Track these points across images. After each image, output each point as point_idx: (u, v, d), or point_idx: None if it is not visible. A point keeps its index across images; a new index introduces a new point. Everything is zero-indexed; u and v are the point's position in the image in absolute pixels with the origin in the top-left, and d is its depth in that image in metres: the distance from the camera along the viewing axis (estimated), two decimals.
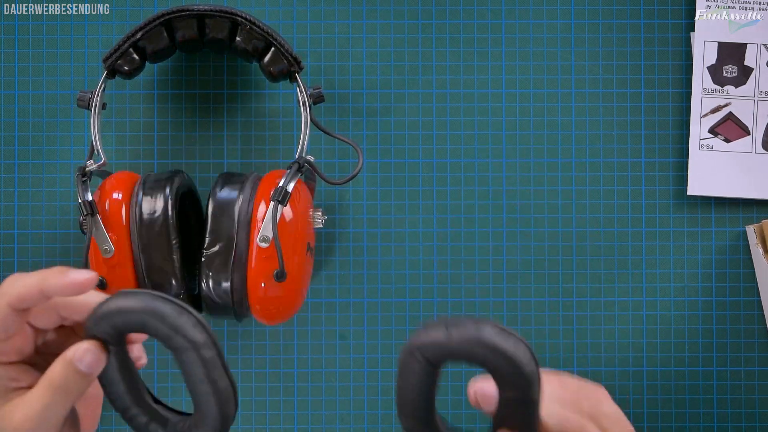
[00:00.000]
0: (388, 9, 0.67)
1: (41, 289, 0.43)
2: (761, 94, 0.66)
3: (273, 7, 0.67)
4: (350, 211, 0.66)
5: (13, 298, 0.43)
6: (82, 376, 0.43)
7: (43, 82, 0.66)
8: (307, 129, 0.59)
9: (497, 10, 0.67)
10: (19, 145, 0.66)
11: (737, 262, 0.66)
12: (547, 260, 0.66)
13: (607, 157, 0.67)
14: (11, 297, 0.43)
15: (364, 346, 0.66)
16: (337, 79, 0.67)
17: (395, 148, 0.66)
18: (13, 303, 0.43)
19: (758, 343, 0.66)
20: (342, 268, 0.66)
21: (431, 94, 0.67)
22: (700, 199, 0.67)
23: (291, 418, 0.66)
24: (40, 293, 0.43)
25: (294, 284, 0.56)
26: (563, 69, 0.67)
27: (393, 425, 0.66)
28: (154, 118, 0.66)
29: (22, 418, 0.43)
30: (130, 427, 0.45)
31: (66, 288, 0.43)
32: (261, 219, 0.55)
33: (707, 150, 0.66)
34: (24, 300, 0.43)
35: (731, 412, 0.66)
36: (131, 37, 0.59)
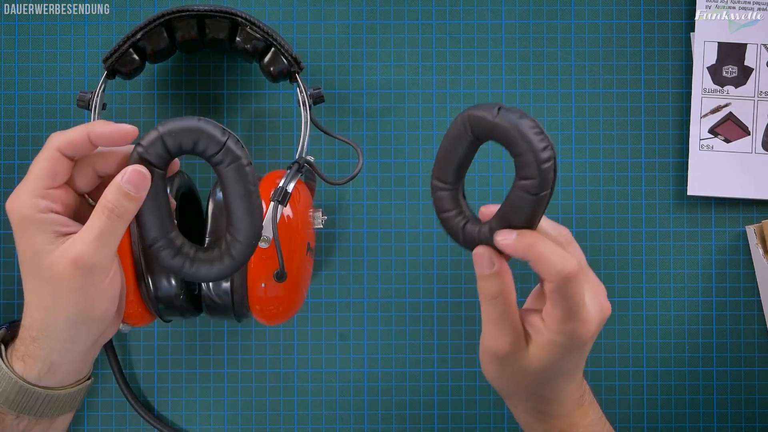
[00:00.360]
0: (388, 9, 0.67)
1: (88, 135, 0.47)
2: (761, 95, 0.66)
3: (273, 7, 0.67)
4: (350, 211, 0.66)
5: (63, 143, 0.47)
6: (130, 198, 0.46)
7: (43, 82, 0.66)
8: (307, 129, 0.59)
9: (497, 10, 0.67)
10: (19, 145, 0.66)
11: (737, 262, 0.66)
12: None
13: (607, 157, 0.67)
14: (61, 142, 0.47)
15: (364, 346, 0.66)
16: (337, 79, 0.67)
17: (395, 148, 0.66)
18: (63, 147, 0.47)
19: (758, 343, 0.66)
20: (342, 268, 0.66)
21: (431, 94, 0.67)
22: (700, 199, 0.67)
23: (291, 418, 0.66)
24: (87, 139, 0.47)
25: (294, 284, 0.56)
26: (563, 69, 0.67)
27: (393, 425, 0.66)
28: (154, 118, 0.66)
29: (81, 247, 0.46)
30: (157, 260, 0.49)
31: (111, 135, 0.47)
32: None
33: (707, 150, 0.66)
34: (73, 144, 0.47)
35: (731, 412, 0.66)
36: (131, 38, 0.59)
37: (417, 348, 0.66)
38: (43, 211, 0.47)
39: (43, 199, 0.47)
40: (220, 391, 0.66)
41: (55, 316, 0.48)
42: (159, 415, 0.66)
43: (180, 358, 0.66)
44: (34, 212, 0.47)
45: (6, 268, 0.66)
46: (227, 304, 0.56)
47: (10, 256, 0.66)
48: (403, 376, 0.66)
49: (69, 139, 0.47)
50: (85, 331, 0.49)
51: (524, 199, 0.46)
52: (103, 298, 0.48)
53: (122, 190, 0.46)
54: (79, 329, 0.49)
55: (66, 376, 0.50)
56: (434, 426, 0.66)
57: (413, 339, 0.66)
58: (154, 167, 0.47)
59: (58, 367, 0.49)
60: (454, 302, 0.66)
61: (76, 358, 0.50)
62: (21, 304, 0.65)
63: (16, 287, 0.66)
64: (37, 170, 0.47)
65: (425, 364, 0.66)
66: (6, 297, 0.66)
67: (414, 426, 0.66)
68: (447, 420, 0.66)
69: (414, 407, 0.66)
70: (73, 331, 0.49)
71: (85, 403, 0.66)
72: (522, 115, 0.45)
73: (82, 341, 0.50)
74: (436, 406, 0.66)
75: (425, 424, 0.66)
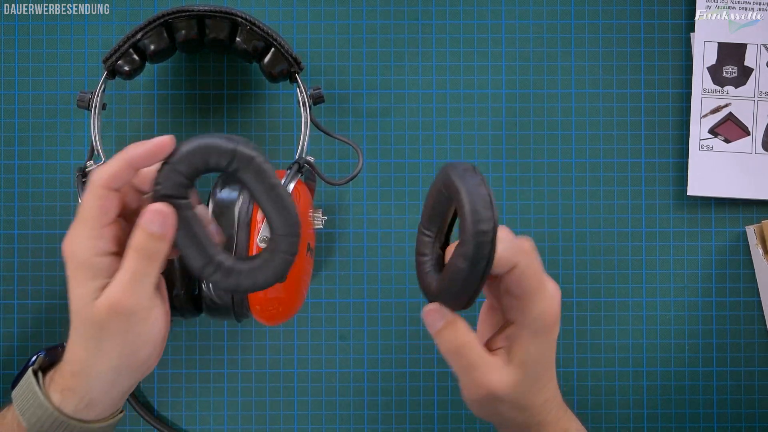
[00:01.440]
0: (388, 9, 0.67)
1: (128, 161, 0.46)
2: (761, 95, 0.66)
3: (273, 7, 0.67)
4: (350, 211, 0.66)
5: (107, 178, 0.46)
6: (156, 237, 0.46)
7: (43, 82, 0.66)
8: (307, 129, 0.59)
9: (497, 10, 0.67)
10: (19, 145, 0.66)
11: (737, 263, 0.66)
12: (547, 260, 0.66)
13: (607, 157, 0.67)
14: (104, 179, 0.46)
15: (364, 346, 0.66)
16: (337, 79, 0.67)
17: (395, 148, 0.66)
18: (108, 183, 0.46)
19: (758, 343, 0.66)
20: (342, 268, 0.66)
21: (431, 94, 0.67)
22: (700, 200, 0.67)
23: (291, 418, 0.66)
24: (128, 166, 0.46)
25: (294, 285, 0.56)
26: (563, 69, 0.67)
27: (393, 425, 0.66)
28: (154, 118, 0.66)
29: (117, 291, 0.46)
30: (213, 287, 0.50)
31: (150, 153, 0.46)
32: (261, 219, 0.55)
33: (707, 150, 0.66)
34: (117, 177, 0.46)
35: (731, 412, 0.66)
36: (131, 38, 0.59)
37: (417, 348, 0.66)
38: (99, 253, 0.47)
39: (98, 240, 0.47)
40: (220, 391, 0.66)
41: (98, 358, 0.48)
42: (159, 415, 0.66)
43: (180, 358, 0.66)
44: (92, 256, 0.47)
45: (6, 268, 0.66)
46: (227, 305, 0.56)
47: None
48: (403, 376, 0.66)
49: (111, 173, 0.46)
50: (127, 375, 0.49)
51: (459, 269, 0.45)
52: (146, 343, 0.48)
53: (147, 232, 0.46)
54: (121, 374, 0.49)
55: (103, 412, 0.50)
56: (434, 426, 0.66)
57: (413, 339, 0.66)
58: (175, 199, 0.46)
59: (97, 404, 0.49)
60: None
61: (115, 397, 0.50)
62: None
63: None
64: (89, 210, 0.47)
65: (425, 364, 0.66)
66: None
67: (414, 426, 0.66)
68: (447, 420, 0.66)
69: (414, 407, 0.66)
70: (116, 375, 0.49)
71: None
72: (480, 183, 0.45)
73: (124, 383, 0.50)
74: (436, 406, 0.66)
75: (425, 424, 0.66)
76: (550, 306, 0.48)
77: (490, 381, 0.48)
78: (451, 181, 0.46)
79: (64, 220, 0.66)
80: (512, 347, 0.49)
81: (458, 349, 0.48)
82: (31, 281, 0.66)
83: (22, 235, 0.66)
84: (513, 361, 0.49)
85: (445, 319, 0.48)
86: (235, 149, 0.46)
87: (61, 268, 0.65)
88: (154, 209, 0.46)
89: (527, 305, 0.48)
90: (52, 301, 0.65)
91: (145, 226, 0.46)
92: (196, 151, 0.46)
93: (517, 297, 0.48)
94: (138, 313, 0.47)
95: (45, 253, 0.66)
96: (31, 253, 0.66)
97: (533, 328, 0.48)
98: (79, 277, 0.47)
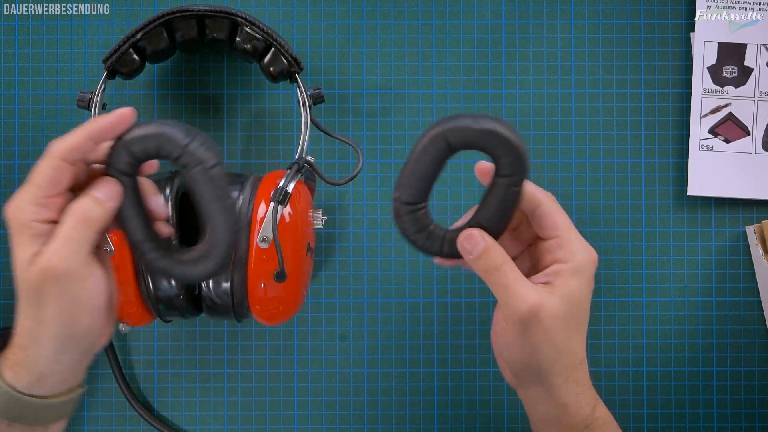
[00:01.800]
0: (388, 9, 0.67)
1: (89, 134, 0.46)
2: (761, 95, 0.66)
3: (273, 7, 0.67)
4: (350, 211, 0.66)
5: (66, 150, 0.46)
6: (100, 203, 0.47)
7: (43, 82, 0.66)
8: (307, 129, 0.59)
9: (497, 10, 0.67)
10: (19, 145, 0.66)
11: (737, 262, 0.66)
12: None
13: (607, 157, 0.67)
14: (63, 149, 0.46)
15: (364, 346, 0.66)
16: (337, 79, 0.67)
17: (395, 149, 0.66)
18: (65, 154, 0.46)
19: (758, 343, 0.66)
20: (342, 268, 0.66)
21: (431, 94, 0.67)
22: (700, 200, 0.67)
23: (291, 418, 0.66)
24: (88, 140, 0.46)
25: (294, 285, 0.56)
26: (563, 69, 0.67)
27: (393, 425, 0.66)
28: (154, 118, 0.66)
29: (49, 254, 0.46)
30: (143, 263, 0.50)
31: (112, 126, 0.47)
32: (261, 219, 0.55)
33: (707, 150, 0.66)
34: (76, 148, 0.46)
35: (731, 412, 0.66)
36: (131, 38, 0.59)
37: (417, 348, 0.66)
38: (41, 220, 0.47)
39: (42, 208, 0.47)
40: (220, 391, 0.66)
41: (40, 326, 0.48)
42: (159, 415, 0.66)
43: (180, 358, 0.66)
44: (32, 221, 0.47)
45: (6, 268, 0.66)
46: (227, 305, 0.56)
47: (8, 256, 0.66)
48: (403, 376, 0.66)
49: (71, 145, 0.47)
50: (71, 345, 0.49)
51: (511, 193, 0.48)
52: (84, 310, 0.48)
53: (92, 196, 0.47)
54: (64, 342, 0.48)
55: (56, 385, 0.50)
56: (434, 426, 0.66)
57: (413, 339, 0.66)
58: (123, 176, 0.47)
59: (48, 377, 0.49)
60: (454, 302, 0.66)
61: (65, 369, 0.50)
62: None
63: None
64: (39, 178, 0.47)
65: (425, 364, 0.66)
66: (5, 297, 0.66)
67: (414, 426, 0.66)
68: (447, 420, 0.66)
69: (414, 407, 0.66)
70: (59, 343, 0.48)
71: (85, 403, 0.66)
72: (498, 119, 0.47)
73: (69, 353, 0.49)
74: (436, 406, 0.66)
75: (425, 424, 0.66)
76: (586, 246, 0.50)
77: (532, 296, 0.49)
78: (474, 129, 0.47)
79: None
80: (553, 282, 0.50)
81: (500, 267, 0.49)
82: None
83: None
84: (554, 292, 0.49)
85: (486, 241, 0.49)
86: (188, 146, 0.46)
87: None
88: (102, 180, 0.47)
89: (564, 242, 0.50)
90: None
91: (91, 192, 0.47)
92: (150, 136, 0.46)
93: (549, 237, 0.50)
94: (71, 277, 0.47)
95: None
96: None
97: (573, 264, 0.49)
98: (18, 240, 0.47)
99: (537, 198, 0.50)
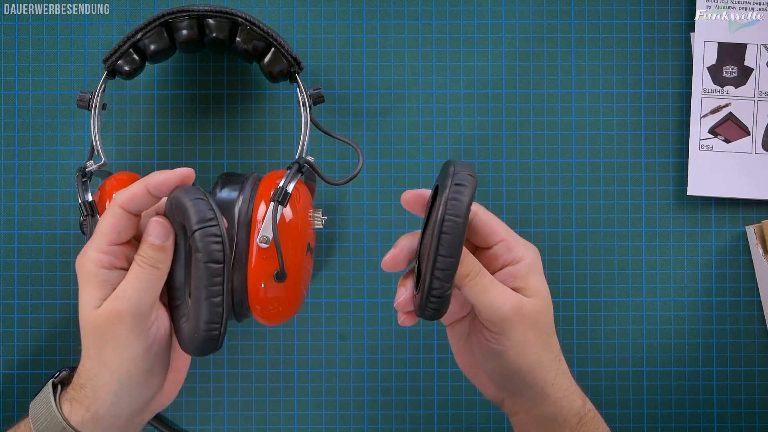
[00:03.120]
0: (388, 9, 0.67)
1: (146, 186, 0.49)
2: (761, 95, 0.66)
3: (273, 7, 0.67)
4: (350, 211, 0.66)
5: (125, 199, 0.49)
6: (157, 248, 0.49)
7: (43, 82, 0.66)
8: (307, 129, 0.59)
9: (497, 10, 0.67)
10: (19, 145, 0.66)
11: (737, 262, 0.66)
12: (547, 260, 0.66)
13: (607, 157, 0.67)
14: (123, 199, 0.49)
15: (364, 346, 0.66)
16: (337, 79, 0.67)
17: (395, 148, 0.66)
18: (126, 204, 0.49)
19: (758, 343, 0.66)
20: (342, 268, 0.66)
21: (431, 94, 0.67)
22: (700, 200, 0.67)
23: (291, 418, 0.66)
24: (146, 191, 0.49)
25: (294, 284, 0.56)
26: (563, 69, 0.67)
27: (393, 425, 0.66)
28: (154, 118, 0.66)
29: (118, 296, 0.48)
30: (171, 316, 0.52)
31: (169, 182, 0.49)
32: (261, 219, 0.55)
33: (707, 150, 0.66)
34: (135, 198, 0.49)
35: (731, 412, 0.66)
36: (131, 38, 0.59)
37: (417, 348, 0.66)
38: (105, 266, 0.49)
39: (105, 255, 0.49)
40: (220, 391, 0.66)
41: (101, 367, 0.49)
42: (159, 415, 0.66)
43: None
44: (97, 268, 0.49)
45: (6, 268, 0.66)
46: (227, 304, 0.56)
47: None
48: (403, 376, 0.66)
49: (130, 195, 0.49)
50: (129, 388, 0.50)
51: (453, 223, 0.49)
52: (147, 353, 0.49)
53: (147, 242, 0.49)
54: (123, 383, 0.50)
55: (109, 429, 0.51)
56: (434, 426, 0.66)
57: (413, 339, 0.66)
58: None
59: (103, 419, 0.50)
60: None
61: (120, 415, 0.51)
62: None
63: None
64: (103, 227, 0.49)
65: (425, 364, 0.66)
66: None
67: (414, 426, 0.66)
68: (447, 420, 0.66)
69: (414, 407, 0.66)
70: (118, 384, 0.50)
71: None
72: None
73: (127, 396, 0.50)
74: (436, 406, 0.66)
75: (425, 424, 0.66)
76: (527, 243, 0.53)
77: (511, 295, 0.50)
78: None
79: (64, 220, 0.66)
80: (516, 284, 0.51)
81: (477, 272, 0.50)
82: (31, 281, 0.66)
83: (22, 235, 0.66)
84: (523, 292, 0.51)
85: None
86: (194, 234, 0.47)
87: (61, 269, 0.66)
88: (154, 220, 0.49)
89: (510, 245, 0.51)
90: (53, 300, 0.66)
91: (146, 237, 0.49)
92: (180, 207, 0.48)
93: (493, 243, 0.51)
94: (136, 320, 0.48)
95: (45, 253, 0.66)
96: (31, 253, 0.66)
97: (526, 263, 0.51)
98: (85, 287, 0.49)
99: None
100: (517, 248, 0.51)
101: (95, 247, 0.49)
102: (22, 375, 0.65)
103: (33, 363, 0.66)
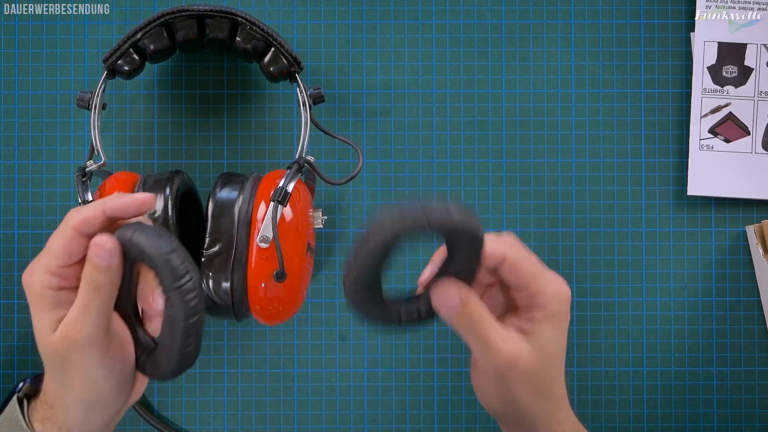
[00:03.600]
0: (388, 9, 0.67)
1: (104, 210, 0.47)
2: (761, 94, 0.66)
3: (273, 7, 0.67)
4: (350, 211, 0.66)
5: (79, 222, 0.47)
6: (101, 269, 0.46)
7: (43, 82, 0.66)
8: (307, 129, 0.59)
9: (497, 10, 0.67)
10: (19, 145, 0.66)
11: (737, 262, 0.66)
12: (547, 260, 0.66)
13: (607, 157, 0.67)
14: (77, 221, 0.47)
15: (364, 346, 0.66)
16: (337, 79, 0.67)
17: (395, 148, 0.66)
18: (79, 226, 0.47)
19: (758, 343, 0.66)
20: (342, 268, 0.66)
21: (431, 94, 0.67)
22: (700, 199, 0.67)
23: (291, 418, 0.66)
24: (102, 214, 0.47)
25: (294, 284, 0.56)
26: (563, 69, 0.67)
27: (393, 425, 0.66)
28: (154, 118, 0.66)
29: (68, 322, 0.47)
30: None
31: (126, 207, 0.47)
32: (261, 219, 0.55)
33: (707, 150, 0.66)
34: (89, 222, 0.47)
35: (731, 412, 0.66)
36: (131, 38, 0.59)
37: (417, 348, 0.66)
38: (54, 288, 0.47)
39: (55, 277, 0.47)
40: (220, 391, 0.66)
41: (66, 391, 0.48)
42: (159, 415, 0.66)
43: None
44: (46, 289, 0.47)
45: (6, 268, 0.66)
46: (227, 305, 0.56)
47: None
48: (403, 376, 0.66)
49: (84, 217, 0.47)
50: (98, 408, 0.49)
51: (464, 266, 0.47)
52: (108, 377, 0.48)
53: (92, 263, 0.47)
54: (90, 406, 0.49)
55: None
56: (434, 426, 0.66)
57: (413, 339, 0.66)
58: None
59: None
60: None
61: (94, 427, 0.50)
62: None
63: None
64: (53, 247, 0.47)
65: (425, 364, 0.66)
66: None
67: (414, 426, 0.66)
68: (447, 420, 0.66)
69: (414, 407, 0.66)
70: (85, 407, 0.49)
71: None
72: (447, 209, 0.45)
73: (97, 415, 0.49)
74: (436, 406, 0.66)
75: (425, 424, 0.66)
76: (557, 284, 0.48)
77: (510, 348, 0.47)
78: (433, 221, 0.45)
79: None
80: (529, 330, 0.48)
81: (477, 321, 0.47)
82: None
83: (22, 235, 0.66)
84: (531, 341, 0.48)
85: (461, 291, 0.47)
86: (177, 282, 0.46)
87: None
88: (96, 242, 0.46)
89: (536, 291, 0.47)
90: None
91: (89, 258, 0.47)
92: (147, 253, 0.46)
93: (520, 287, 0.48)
94: (93, 345, 0.47)
95: None
96: (31, 253, 0.66)
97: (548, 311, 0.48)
98: (36, 310, 0.47)
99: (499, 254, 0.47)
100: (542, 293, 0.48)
101: (44, 268, 0.47)
102: (22, 375, 0.65)
103: (34, 363, 0.66)
